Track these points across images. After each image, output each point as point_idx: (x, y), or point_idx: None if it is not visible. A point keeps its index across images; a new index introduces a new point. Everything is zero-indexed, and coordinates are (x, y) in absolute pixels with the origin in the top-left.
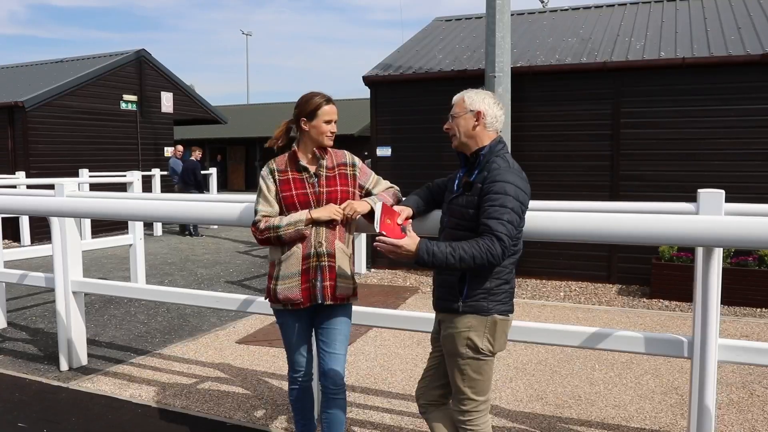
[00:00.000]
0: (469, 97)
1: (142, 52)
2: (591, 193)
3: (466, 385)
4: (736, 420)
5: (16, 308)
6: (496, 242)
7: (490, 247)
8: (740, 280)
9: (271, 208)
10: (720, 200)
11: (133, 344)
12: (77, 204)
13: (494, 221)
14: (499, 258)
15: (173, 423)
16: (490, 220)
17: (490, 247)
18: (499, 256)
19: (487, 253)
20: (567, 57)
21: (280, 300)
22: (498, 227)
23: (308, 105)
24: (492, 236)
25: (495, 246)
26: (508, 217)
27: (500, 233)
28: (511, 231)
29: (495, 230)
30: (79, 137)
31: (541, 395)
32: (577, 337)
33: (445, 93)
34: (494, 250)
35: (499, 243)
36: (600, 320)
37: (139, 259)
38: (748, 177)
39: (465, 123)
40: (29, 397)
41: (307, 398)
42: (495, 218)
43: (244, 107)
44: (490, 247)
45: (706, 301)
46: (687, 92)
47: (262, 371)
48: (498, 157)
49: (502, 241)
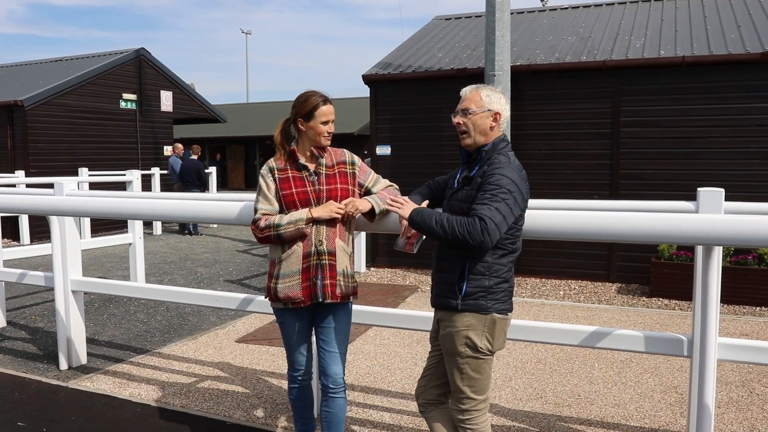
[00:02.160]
0: (486, 95)
1: (142, 51)
2: (590, 192)
3: (465, 384)
4: (735, 419)
5: (16, 307)
6: (477, 222)
7: (470, 224)
8: (740, 278)
9: (271, 206)
10: (719, 199)
11: (133, 343)
12: (76, 203)
13: (482, 206)
14: (477, 238)
15: (173, 422)
16: (478, 205)
17: (470, 225)
18: (477, 237)
19: (465, 229)
20: (567, 55)
21: (281, 299)
22: (484, 210)
23: (305, 105)
24: (475, 217)
25: (475, 225)
26: (496, 205)
27: (483, 215)
28: (498, 219)
29: (479, 212)
30: (78, 136)
31: (540, 394)
32: (576, 336)
33: (445, 92)
34: (472, 229)
35: (479, 223)
36: (599, 319)
37: (139, 258)
38: (748, 175)
39: (482, 122)
40: (29, 396)
41: (307, 397)
42: (483, 203)
43: (243, 106)
44: (470, 224)
45: (705, 299)
46: (687, 91)
47: (262, 370)
48: (500, 154)
49: (484, 221)
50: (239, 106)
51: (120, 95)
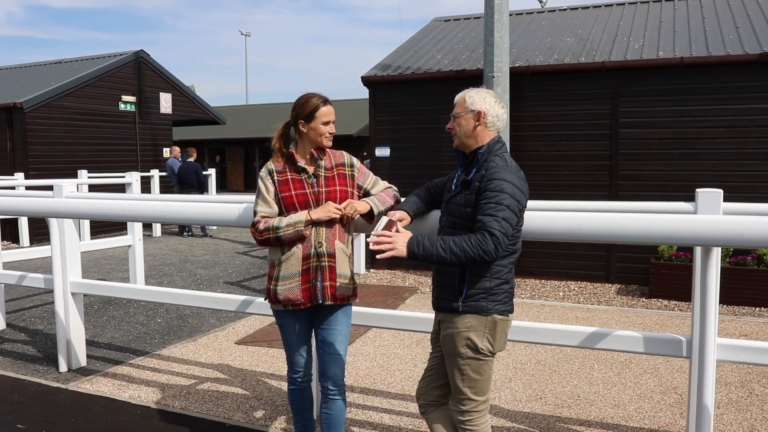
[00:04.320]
0: (470, 96)
1: (141, 53)
2: (589, 193)
3: (465, 385)
4: (734, 419)
5: (15, 309)
6: (489, 238)
7: (482, 242)
8: (739, 279)
9: (270, 208)
10: (718, 199)
11: (132, 345)
12: (76, 205)
13: (488, 218)
14: (492, 254)
15: (172, 424)
16: (484, 216)
17: (482, 242)
18: (492, 252)
19: (478, 248)
20: (565, 57)
21: (281, 301)
22: (492, 223)
23: (306, 107)
24: (485, 232)
25: (487, 242)
26: (503, 215)
27: (493, 229)
28: (506, 228)
29: (488, 226)
30: (77, 138)
31: (540, 395)
32: (576, 336)
33: (444, 93)
34: (485, 246)
35: (491, 238)
36: (599, 320)
37: (138, 260)
38: (747, 176)
39: (465, 123)
40: (28, 399)
41: (307, 399)
42: (490, 215)
43: (242, 108)
44: (481, 242)
45: (704, 300)
46: (685, 92)
47: (261, 372)
48: (496, 156)
49: (495, 236)
50: (238, 108)
51: (119, 97)
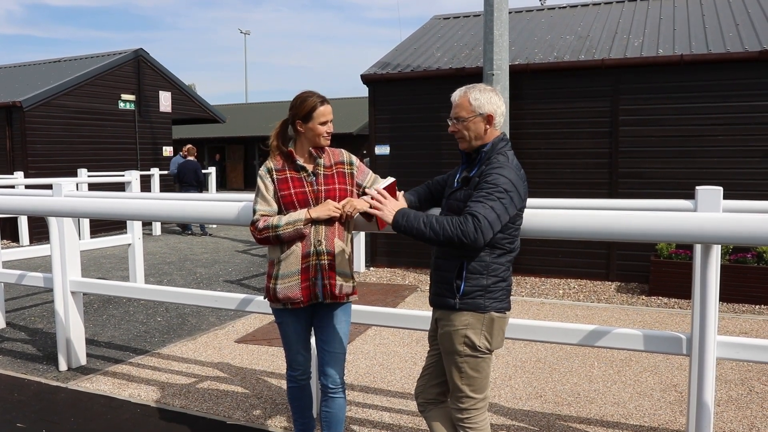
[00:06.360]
0: (475, 99)
1: (140, 52)
2: (589, 191)
3: (464, 382)
4: (734, 417)
5: (15, 308)
6: (470, 220)
7: (462, 223)
8: (739, 277)
9: (269, 207)
10: (718, 197)
11: (132, 344)
12: (75, 204)
13: (476, 203)
14: (470, 236)
15: (172, 422)
16: (472, 202)
17: (461, 224)
18: (470, 234)
19: (457, 228)
20: (565, 54)
21: (280, 299)
22: (476, 207)
23: (303, 107)
24: (468, 215)
25: (468, 223)
26: (491, 204)
27: (477, 213)
28: (491, 217)
29: (473, 210)
30: (77, 137)
31: (539, 393)
32: (575, 334)
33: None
34: (465, 227)
35: (472, 220)
36: (599, 318)
37: (138, 258)
38: (747, 174)
39: (476, 127)
40: (28, 397)
41: (306, 397)
42: (478, 201)
43: (242, 106)
44: (461, 223)
45: (704, 298)
46: (685, 89)
47: (261, 370)
48: (500, 154)
49: (477, 219)
50: (238, 106)
51: (119, 96)
